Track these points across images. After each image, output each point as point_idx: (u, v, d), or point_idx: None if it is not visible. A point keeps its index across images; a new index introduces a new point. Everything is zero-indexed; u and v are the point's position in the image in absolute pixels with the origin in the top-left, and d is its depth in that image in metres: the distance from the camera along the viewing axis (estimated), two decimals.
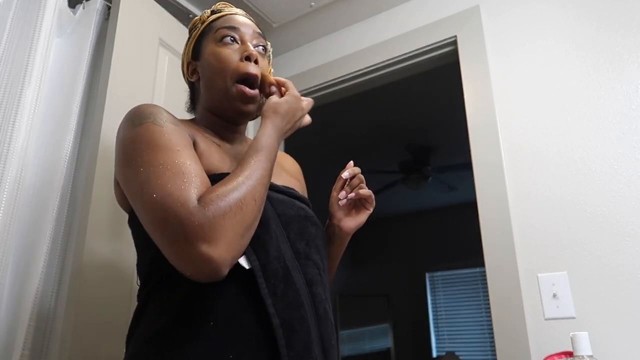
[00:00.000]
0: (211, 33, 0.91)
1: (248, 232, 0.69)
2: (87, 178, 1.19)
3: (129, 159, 0.72)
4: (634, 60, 1.34)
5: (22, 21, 1.25)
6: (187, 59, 0.97)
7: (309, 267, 0.80)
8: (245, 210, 0.68)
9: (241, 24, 0.92)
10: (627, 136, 1.30)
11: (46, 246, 1.15)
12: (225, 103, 0.89)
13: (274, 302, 0.71)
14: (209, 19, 0.94)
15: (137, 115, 0.78)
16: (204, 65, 0.91)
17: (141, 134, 0.74)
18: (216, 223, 0.64)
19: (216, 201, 0.65)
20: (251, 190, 0.70)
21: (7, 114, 1.14)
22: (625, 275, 1.22)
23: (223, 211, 0.65)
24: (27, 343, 1.08)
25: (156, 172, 0.68)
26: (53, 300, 1.16)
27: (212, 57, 0.89)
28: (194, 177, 0.69)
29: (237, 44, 0.89)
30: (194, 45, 0.95)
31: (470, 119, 1.55)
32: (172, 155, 0.70)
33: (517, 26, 1.56)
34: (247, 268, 0.72)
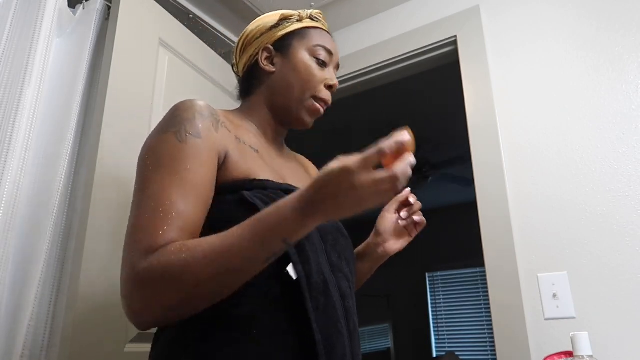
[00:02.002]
0: (307, 41, 0.90)
1: (181, 305, 0.63)
2: (87, 178, 1.19)
3: (141, 165, 0.75)
4: (634, 60, 1.34)
5: (22, 21, 1.25)
6: (264, 43, 0.92)
7: (342, 280, 0.79)
8: (182, 289, 0.62)
9: (335, 51, 0.93)
10: (627, 136, 1.30)
11: (46, 246, 1.15)
12: (294, 109, 0.89)
13: (316, 316, 0.70)
14: (306, 23, 0.92)
15: (173, 117, 0.76)
16: (289, 66, 0.89)
17: (159, 145, 0.74)
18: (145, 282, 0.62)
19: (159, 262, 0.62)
20: (203, 277, 0.62)
21: (7, 114, 1.14)
22: (625, 275, 1.22)
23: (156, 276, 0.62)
24: (27, 343, 1.08)
25: (147, 196, 0.69)
26: (53, 301, 1.15)
27: (302, 65, 0.89)
28: (173, 219, 0.66)
29: (325, 67, 0.91)
30: (281, 38, 0.91)
31: (470, 119, 1.55)
32: (167, 186, 0.69)
33: (517, 26, 1.56)
34: (295, 278, 0.70)
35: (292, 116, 0.91)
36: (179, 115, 0.76)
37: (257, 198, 0.72)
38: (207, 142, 0.75)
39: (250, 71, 0.94)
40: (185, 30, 1.62)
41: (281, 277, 0.70)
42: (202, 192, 0.71)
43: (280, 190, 0.77)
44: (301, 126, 0.93)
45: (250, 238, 0.62)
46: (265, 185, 0.76)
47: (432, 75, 2.08)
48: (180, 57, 1.57)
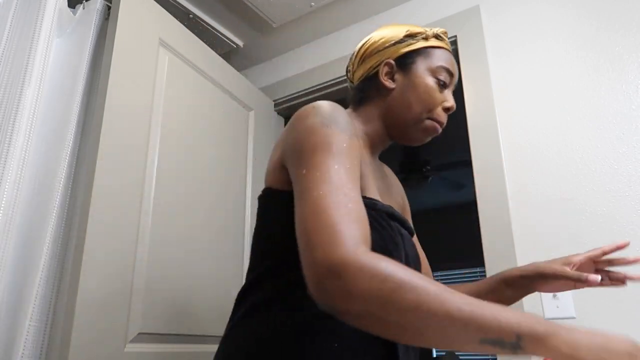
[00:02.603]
0: (430, 60, 0.88)
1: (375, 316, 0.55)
2: (87, 178, 1.19)
3: (307, 151, 0.68)
4: (634, 60, 1.34)
5: (22, 21, 1.25)
6: (387, 57, 0.89)
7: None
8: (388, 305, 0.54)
9: (455, 73, 0.91)
10: (627, 136, 1.30)
11: (46, 246, 1.15)
12: (410, 128, 0.88)
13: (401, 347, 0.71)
14: (431, 42, 0.90)
15: (332, 116, 0.72)
16: (410, 84, 0.87)
17: (328, 135, 0.68)
18: (354, 273, 0.55)
19: (380, 268, 0.55)
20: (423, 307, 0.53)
21: (7, 114, 1.14)
22: None
23: (369, 276, 0.55)
24: (27, 343, 1.08)
25: (329, 184, 0.63)
26: (53, 300, 1.15)
27: (423, 85, 0.87)
28: (361, 216, 0.62)
29: (444, 88, 0.89)
30: (405, 54, 0.89)
31: (470, 119, 1.55)
32: (346, 175, 0.65)
33: (517, 26, 1.56)
34: None
35: (406, 134, 0.89)
36: (339, 116, 0.73)
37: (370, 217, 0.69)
38: (358, 144, 0.73)
39: (368, 82, 0.91)
40: (185, 30, 1.62)
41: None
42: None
43: (386, 213, 0.76)
44: (413, 143, 0.91)
45: (490, 310, 0.53)
46: (374, 206, 0.74)
47: None
48: (180, 57, 1.57)
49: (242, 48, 2.13)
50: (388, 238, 0.73)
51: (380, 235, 0.71)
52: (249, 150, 1.86)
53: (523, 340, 0.51)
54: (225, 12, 1.91)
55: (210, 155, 1.63)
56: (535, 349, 0.51)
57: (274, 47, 2.13)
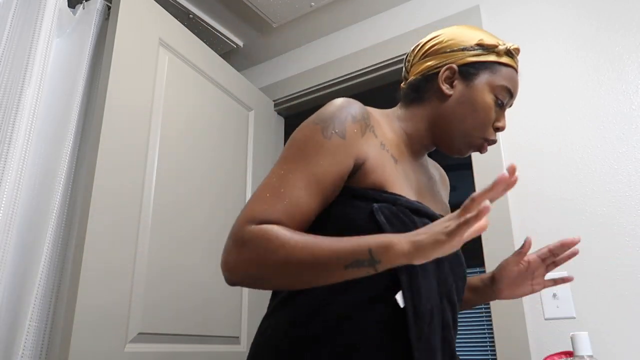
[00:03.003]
0: (495, 77, 0.85)
1: (266, 276, 0.68)
2: (87, 178, 1.19)
3: (287, 145, 0.77)
4: (634, 60, 1.34)
5: (22, 21, 1.25)
6: (452, 61, 0.86)
7: (447, 310, 0.77)
8: (267, 263, 0.67)
9: (515, 92, 0.87)
10: (627, 136, 1.30)
11: (46, 246, 1.15)
12: (456, 141, 0.86)
13: (418, 346, 0.70)
14: (502, 59, 0.86)
15: (328, 112, 0.77)
16: (468, 97, 0.84)
17: (307, 134, 0.76)
18: (243, 243, 0.69)
19: (259, 233, 0.68)
20: (292, 258, 0.66)
21: (7, 114, 1.14)
22: (625, 275, 1.22)
23: (252, 242, 0.68)
24: (27, 343, 1.08)
25: (275, 176, 0.74)
26: (53, 300, 1.16)
27: (481, 102, 0.84)
28: (287, 203, 0.71)
29: (501, 107, 0.86)
30: (471, 63, 0.85)
31: None
32: (297, 172, 0.73)
33: (517, 26, 1.56)
34: (402, 307, 0.71)
35: (452, 144, 0.87)
36: (333, 112, 0.77)
37: (384, 213, 0.72)
38: (349, 143, 0.75)
39: (424, 81, 0.88)
40: (185, 30, 1.62)
41: (389, 303, 0.71)
42: (325, 189, 0.73)
43: (409, 209, 0.76)
44: (455, 154, 0.89)
45: (344, 242, 0.65)
46: (396, 201, 0.75)
47: None
48: (180, 57, 1.57)
49: (242, 48, 2.13)
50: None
51: (398, 230, 0.71)
52: (249, 150, 1.86)
53: (375, 254, 0.62)
54: (225, 12, 1.91)
55: (210, 155, 1.63)
56: (388, 258, 0.62)
57: (274, 47, 2.13)
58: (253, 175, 1.85)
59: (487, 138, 0.85)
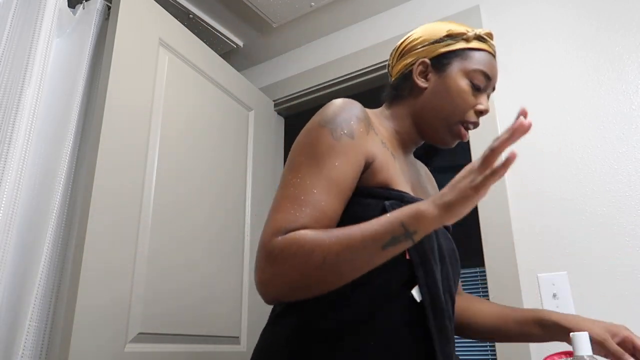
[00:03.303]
0: (467, 63, 0.86)
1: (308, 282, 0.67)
2: (87, 178, 1.19)
3: (296, 151, 0.77)
4: (634, 60, 1.34)
5: (22, 21, 1.25)
6: (423, 55, 0.89)
7: (448, 303, 0.79)
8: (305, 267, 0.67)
9: (494, 75, 0.88)
10: (627, 136, 1.30)
11: (46, 246, 1.15)
12: (439, 130, 0.87)
13: (439, 339, 0.71)
14: (472, 44, 0.87)
15: (333, 114, 0.78)
16: (443, 86, 0.86)
17: (316, 138, 0.76)
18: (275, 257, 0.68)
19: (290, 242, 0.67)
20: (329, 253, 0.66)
21: (7, 114, 1.14)
22: (625, 275, 1.22)
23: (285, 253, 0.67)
24: (27, 343, 1.08)
25: (292, 184, 0.73)
26: (53, 300, 1.16)
27: (456, 88, 0.85)
28: (310, 208, 0.70)
29: (479, 91, 0.87)
30: (442, 54, 0.87)
31: None
32: (313, 176, 0.73)
33: (517, 26, 1.56)
34: (419, 301, 0.72)
35: (435, 135, 0.89)
36: (338, 113, 0.78)
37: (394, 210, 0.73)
38: (358, 143, 0.77)
39: (403, 80, 0.92)
40: (185, 30, 1.62)
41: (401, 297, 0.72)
42: (343, 190, 0.74)
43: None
44: (442, 145, 0.91)
45: (375, 223, 0.66)
46: (403, 198, 0.77)
47: None
48: (180, 57, 1.57)
49: (242, 48, 2.13)
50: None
51: None
52: (249, 150, 1.86)
53: (409, 225, 0.63)
54: (225, 12, 1.91)
55: (210, 155, 1.63)
56: (422, 226, 0.63)
57: (274, 47, 2.13)
58: (253, 175, 1.85)
59: (466, 122, 0.86)
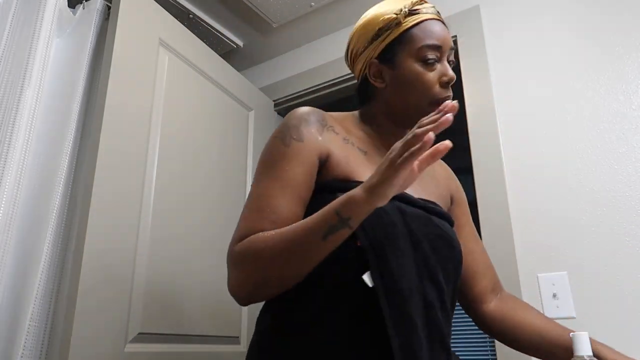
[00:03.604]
0: (411, 46, 0.83)
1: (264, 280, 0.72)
2: (87, 178, 1.19)
3: (257, 166, 0.83)
4: (634, 60, 1.34)
5: (22, 21, 1.25)
6: (369, 56, 0.88)
7: (430, 291, 0.76)
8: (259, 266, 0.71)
9: (443, 41, 0.84)
10: (627, 136, 1.30)
11: (46, 246, 1.15)
12: (415, 117, 0.83)
13: (394, 323, 0.70)
14: (407, 23, 0.84)
15: (283, 125, 0.83)
16: (399, 78, 0.85)
17: (269, 149, 0.82)
18: (235, 262, 0.74)
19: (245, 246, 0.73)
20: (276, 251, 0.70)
21: (7, 114, 1.14)
22: (625, 275, 1.22)
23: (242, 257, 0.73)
24: (27, 343, 1.08)
25: (252, 194, 0.79)
26: (53, 300, 1.16)
27: (411, 74, 0.83)
28: (267, 212, 0.75)
29: (436, 63, 0.84)
30: (384, 49, 0.86)
31: (470, 118, 1.55)
32: (269, 183, 0.78)
33: (517, 26, 1.56)
34: (371, 286, 0.72)
35: (413, 122, 0.84)
36: (288, 122, 0.83)
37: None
38: (308, 144, 0.80)
39: (364, 83, 0.92)
40: (185, 30, 1.62)
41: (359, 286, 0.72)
42: (298, 190, 0.77)
43: None
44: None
45: (314, 216, 0.69)
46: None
47: None
48: (180, 57, 1.57)
49: (242, 48, 2.13)
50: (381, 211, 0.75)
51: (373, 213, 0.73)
52: (248, 150, 1.86)
53: (342, 212, 0.65)
54: (225, 12, 1.91)
55: (210, 155, 1.63)
56: (354, 211, 0.65)
57: (274, 47, 2.13)
58: (253, 175, 1.85)
59: (436, 99, 0.83)
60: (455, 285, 0.84)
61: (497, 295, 0.98)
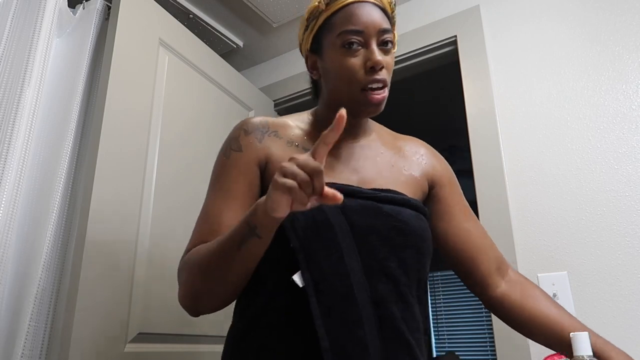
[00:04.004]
0: (332, 33, 0.81)
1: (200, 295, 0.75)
2: (87, 178, 1.19)
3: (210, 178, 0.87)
4: (634, 60, 1.34)
5: (22, 21, 1.25)
6: (305, 48, 0.89)
7: (381, 284, 0.73)
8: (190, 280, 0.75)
9: (366, 24, 0.79)
10: (627, 136, 1.30)
11: (46, 246, 1.15)
12: (351, 105, 0.82)
13: (326, 322, 0.68)
14: (329, 11, 0.82)
15: (226, 139, 0.87)
16: (327, 67, 0.84)
17: (215, 164, 0.86)
18: (178, 275, 0.79)
19: (184, 260, 0.78)
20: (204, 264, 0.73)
21: (7, 114, 1.14)
22: (625, 275, 1.22)
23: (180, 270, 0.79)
24: (27, 343, 1.08)
25: (202, 208, 0.84)
26: (53, 300, 1.16)
27: (335, 64, 0.81)
28: (210, 223, 0.79)
29: (361, 47, 0.80)
30: (313, 38, 0.86)
31: (470, 118, 1.55)
32: (212, 195, 0.82)
33: (517, 26, 1.56)
34: (301, 286, 0.70)
35: (355, 110, 0.83)
36: (230, 135, 0.87)
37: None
38: (247, 153, 0.83)
39: (310, 79, 0.94)
40: (185, 30, 1.62)
41: (291, 287, 0.71)
42: (238, 198, 0.80)
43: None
44: (369, 115, 0.85)
45: (233, 227, 0.71)
46: None
47: (432, 75, 2.08)
48: (180, 57, 1.57)
49: (242, 48, 2.13)
50: (315, 211, 0.73)
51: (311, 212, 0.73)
52: None
53: (250, 222, 0.66)
54: (225, 12, 1.91)
55: (210, 155, 1.63)
56: (258, 220, 0.65)
57: (274, 47, 2.13)
58: None
59: (365, 84, 0.79)
60: (420, 274, 0.80)
61: (505, 278, 0.92)
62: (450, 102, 2.92)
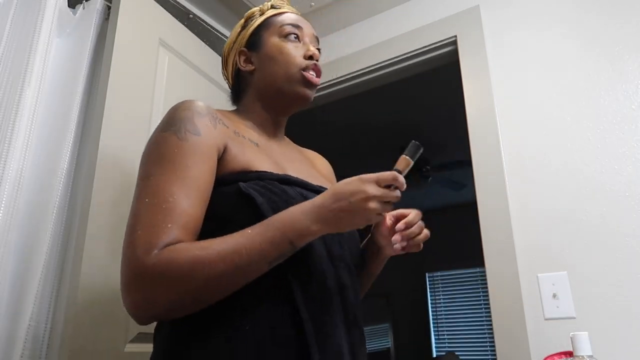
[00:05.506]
0: (274, 27, 0.93)
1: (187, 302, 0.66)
2: (87, 178, 1.19)
3: (143, 163, 0.76)
4: (634, 60, 1.34)
5: (22, 21, 1.25)
6: (238, 47, 0.97)
7: (342, 270, 0.79)
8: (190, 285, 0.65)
9: (303, 24, 0.95)
10: (627, 136, 1.30)
11: (46, 246, 1.15)
12: (287, 89, 0.90)
13: (308, 306, 0.70)
14: (269, 13, 0.96)
15: (173, 117, 0.78)
16: (265, 56, 0.92)
17: (161, 143, 0.75)
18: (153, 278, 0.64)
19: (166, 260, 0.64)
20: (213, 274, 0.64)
21: (7, 114, 1.14)
22: (625, 275, 1.22)
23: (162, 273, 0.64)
24: (27, 343, 1.08)
25: (146, 195, 0.70)
26: (53, 300, 1.15)
27: (275, 49, 0.91)
28: (176, 216, 0.68)
29: (299, 42, 0.93)
30: (250, 36, 0.95)
31: (470, 119, 1.55)
32: (169, 182, 0.70)
33: (517, 26, 1.56)
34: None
35: (289, 96, 0.91)
36: (179, 114, 0.78)
37: (252, 189, 0.74)
38: (206, 138, 0.77)
39: (236, 78, 0.99)
40: (185, 30, 1.62)
41: (272, 270, 0.70)
42: (203, 189, 0.73)
43: (278, 180, 0.78)
44: (302, 101, 0.92)
45: (260, 239, 0.66)
46: (261, 176, 0.77)
47: (432, 75, 2.08)
48: (180, 57, 1.57)
49: None
50: (281, 202, 0.74)
51: (270, 199, 0.73)
52: None
53: (296, 241, 0.66)
54: (225, 12, 1.91)
55: None
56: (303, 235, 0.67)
57: None
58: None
59: (304, 66, 0.89)
60: (358, 267, 0.87)
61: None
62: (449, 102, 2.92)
